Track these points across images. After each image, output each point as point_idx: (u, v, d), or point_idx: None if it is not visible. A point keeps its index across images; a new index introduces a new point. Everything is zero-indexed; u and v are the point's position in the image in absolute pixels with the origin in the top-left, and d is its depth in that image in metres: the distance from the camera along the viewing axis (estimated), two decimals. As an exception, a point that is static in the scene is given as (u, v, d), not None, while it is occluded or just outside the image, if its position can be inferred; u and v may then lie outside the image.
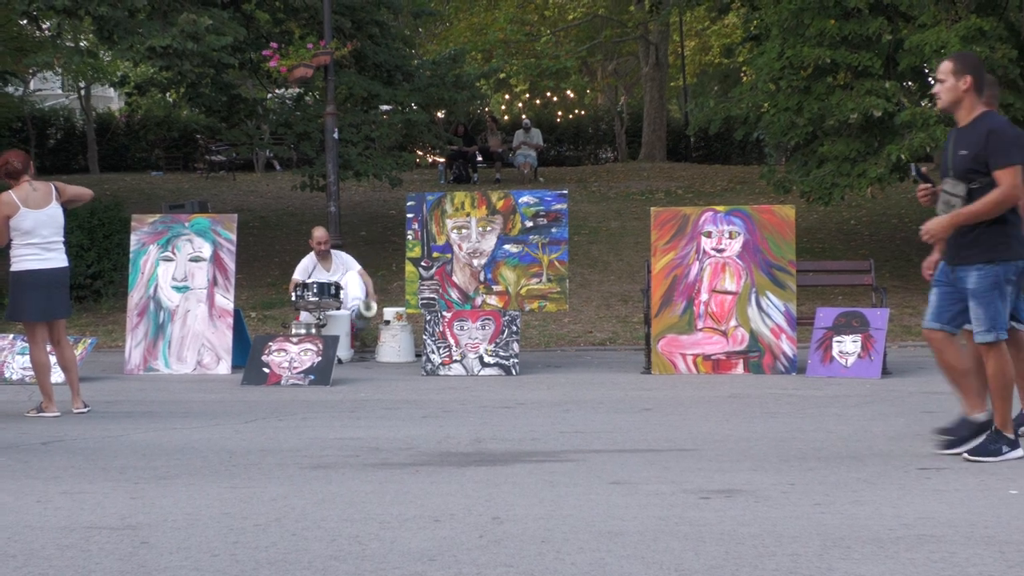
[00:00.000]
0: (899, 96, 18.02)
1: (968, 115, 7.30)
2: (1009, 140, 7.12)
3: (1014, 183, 7.02)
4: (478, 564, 4.62)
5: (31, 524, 5.46)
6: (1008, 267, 7.13)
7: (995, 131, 7.14)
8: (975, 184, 7.13)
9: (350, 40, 20.64)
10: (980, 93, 7.31)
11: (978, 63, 7.42)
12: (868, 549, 4.79)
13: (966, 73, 7.27)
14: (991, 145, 7.09)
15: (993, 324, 7.09)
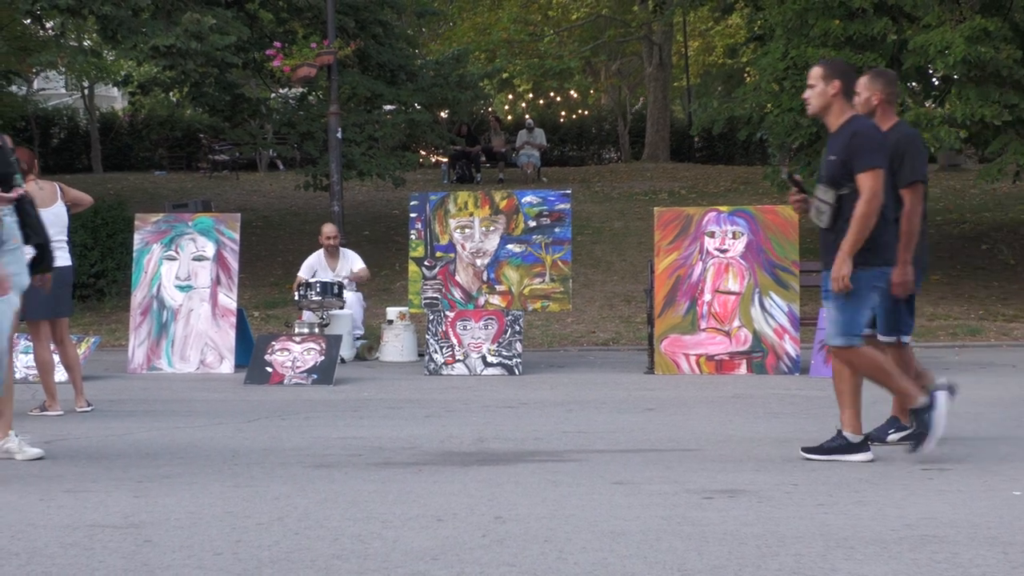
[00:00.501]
0: (903, 97, 18.00)
1: (837, 120, 7.30)
2: (870, 143, 7.09)
3: (874, 187, 7.00)
4: (481, 563, 4.62)
5: (34, 522, 5.46)
6: (874, 273, 7.11)
7: (857, 134, 7.13)
8: (844, 190, 7.13)
9: (353, 40, 20.66)
10: (849, 98, 7.32)
11: (847, 68, 7.43)
12: (871, 549, 4.79)
13: (834, 78, 7.27)
14: (853, 148, 7.09)
15: (846, 329, 7.09)
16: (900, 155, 7.54)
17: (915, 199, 7.53)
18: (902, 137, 7.65)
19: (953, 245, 21.94)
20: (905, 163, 7.54)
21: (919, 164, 7.59)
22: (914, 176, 7.53)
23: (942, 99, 19.88)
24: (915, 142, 7.71)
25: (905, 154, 7.56)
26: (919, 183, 7.55)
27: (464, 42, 32.12)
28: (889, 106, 7.81)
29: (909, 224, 7.50)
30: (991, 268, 20.35)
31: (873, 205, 6.96)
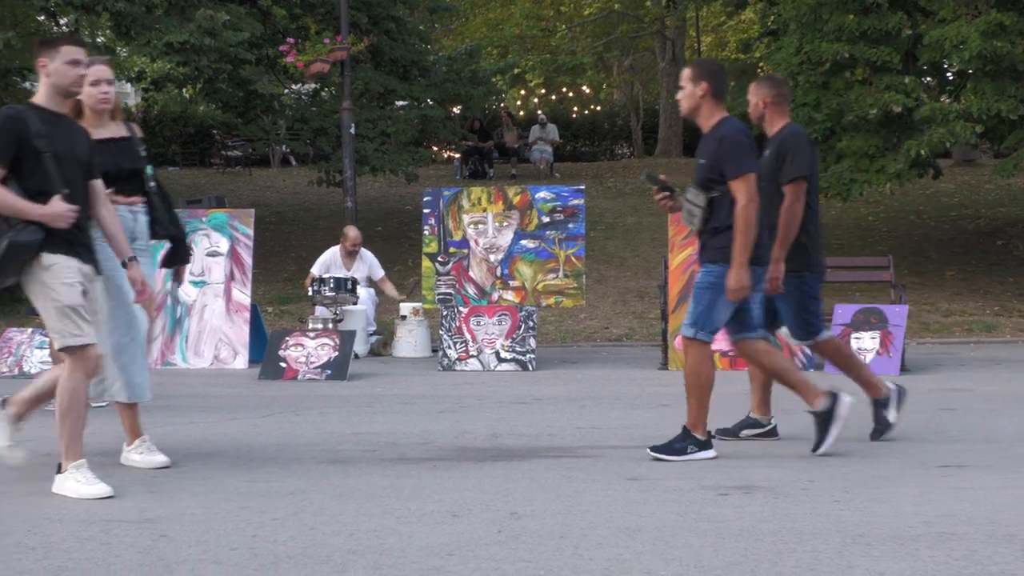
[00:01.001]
0: (918, 91, 17.94)
1: (707, 122, 7.32)
2: (738, 147, 7.09)
3: (749, 191, 7.02)
4: (496, 559, 4.61)
5: (50, 517, 5.46)
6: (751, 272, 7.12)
7: (726, 138, 7.14)
8: (715, 193, 7.16)
9: (366, 35, 20.68)
10: (719, 99, 7.32)
11: (717, 69, 7.43)
12: (888, 546, 4.77)
13: (702, 79, 7.29)
14: (722, 153, 7.10)
15: (701, 322, 7.11)
16: (783, 154, 7.63)
17: (796, 195, 7.56)
18: (786, 136, 7.72)
19: (968, 240, 21.89)
20: (787, 160, 7.59)
21: (801, 160, 7.60)
22: (795, 172, 7.57)
23: (957, 94, 19.83)
24: (799, 140, 7.74)
25: (788, 152, 7.61)
26: (800, 179, 7.57)
27: (476, 38, 32.12)
28: (778, 108, 7.85)
29: (786, 219, 7.54)
30: (1006, 264, 20.29)
31: (751, 210, 7.02)
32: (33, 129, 6.04)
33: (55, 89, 6.21)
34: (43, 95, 6.23)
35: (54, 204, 6.00)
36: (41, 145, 6.02)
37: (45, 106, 6.20)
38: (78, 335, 6.00)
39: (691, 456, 7.01)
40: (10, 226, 5.95)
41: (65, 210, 6.02)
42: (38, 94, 6.25)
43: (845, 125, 18.44)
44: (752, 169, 7.06)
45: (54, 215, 5.99)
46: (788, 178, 7.55)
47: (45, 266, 6.01)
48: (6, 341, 13.18)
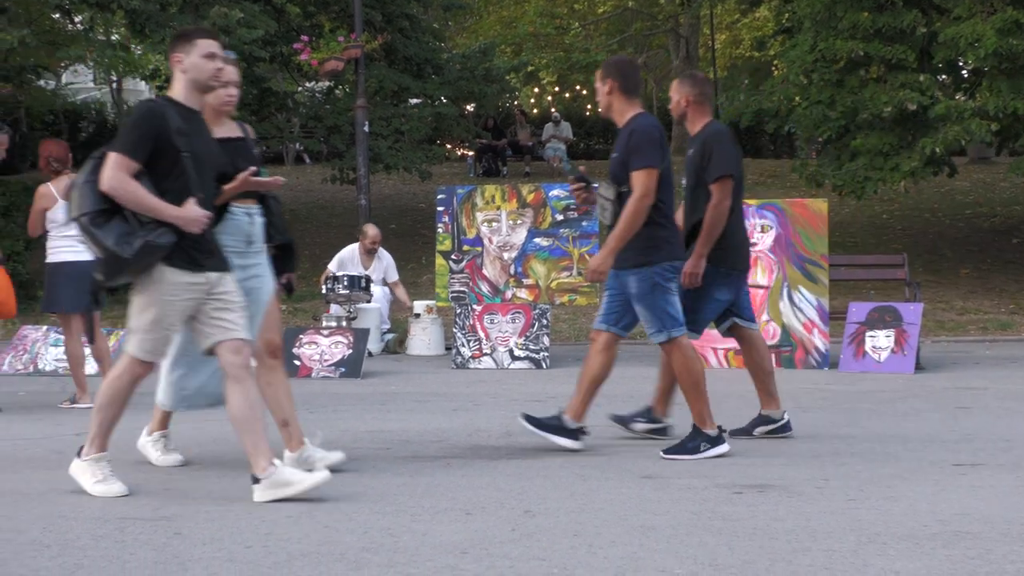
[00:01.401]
0: (933, 89, 17.91)
1: (620, 118, 7.39)
2: (646, 140, 7.15)
3: (647, 185, 7.09)
4: (510, 557, 4.61)
5: (65, 514, 5.47)
6: (664, 268, 7.19)
7: (635, 131, 7.22)
8: (624, 188, 7.22)
9: (380, 33, 20.69)
10: (630, 94, 7.38)
11: (624, 65, 7.53)
12: (903, 545, 4.76)
13: (608, 77, 7.36)
14: (630, 147, 7.17)
15: (662, 324, 7.20)
16: (708, 153, 7.66)
17: (722, 194, 7.58)
18: (710, 135, 7.75)
19: (983, 239, 21.84)
20: (712, 159, 7.61)
21: (726, 160, 7.62)
22: (720, 171, 7.59)
23: (973, 91, 19.79)
24: (723, 139, 7.76)
25: (712, 151, 7.64)
26: (726, 178, 7.59)
27: (490, 35, 32.11)
28: (700, 107, 7.87)
29: (711, 216, 7.57)
30: (1022, 262, 20.24)
31: (644, 203, 7.10)
32: (173, 126, 5.76)
33: (192, 84, 5.95)
34: (179, 90, 5.95)
35: (189, 207, 5.74)
36: (180, 143, 5.76)
37: (183, 102, 5.93)
38: (154, 354, 5.93)
39: (705, 454, 7.03)
40: (141, 224, 5.66)
41: (200, 215, 5.76)
42: (173, 89, 5.98)
43: (860, 123, 18.42)
44: (655, 164, 7.13)
45: (188, 219, 5.72)
46: (714, 176, 7.59)
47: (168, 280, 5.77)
48: (21, 339, 13.21)
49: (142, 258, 5.65)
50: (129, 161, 5.66)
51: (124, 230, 5.64)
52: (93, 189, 5.70)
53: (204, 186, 5.89)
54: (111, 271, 5.73)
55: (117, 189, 5.64)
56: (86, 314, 10.02)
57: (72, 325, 9.95)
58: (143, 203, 5.67)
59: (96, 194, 5.69)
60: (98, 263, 5.76)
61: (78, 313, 9.95)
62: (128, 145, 5.70)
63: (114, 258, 5.65)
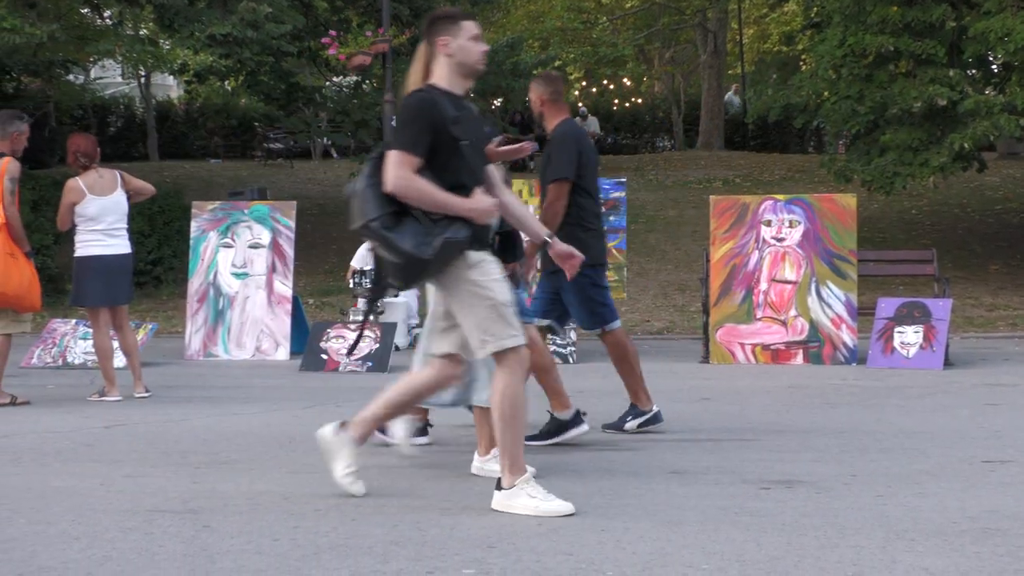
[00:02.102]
0: (963, 84, 17.81)
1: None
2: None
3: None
4: (537, 552, 4.61)
5: (94, 507, 5.49)
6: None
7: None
8: None
9: (408, 28, 20.68)
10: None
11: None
12: (932, 542, 4.74)
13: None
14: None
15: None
16: (550, 153, 7.90)
17: (556, 194, 7.77)
18: (555, 136, 7.95)
19: (1013, 234, 21.72)
20: (551, 161, 7.84)
21: (563, 163, 7.78)
22: (556, 174, 7.78)
23: (1002, 86, 19.68)
24: (565, 140, 7.90)
25: (553, 151, 7.85)
26: (562, 181, 7.77)
27: (517, 30, 32.12)
28: (554, 106, 8.03)
29: (545, 216, 7.75)
30: (1051, 258, 20.13)
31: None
32: (448, 115, 5.41)
33: (459, 69, 5.55)
34: (444, 76, 5.53)
35: (480, 198, 5.42)
36: (458, 132, 5.40)
37: (449, 89, 5.52)
38: (514, 335, 5.38)
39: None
40: (433, 222, 5.29)
41: (491, 204, 5.46)
42: (436, 75, 5.55)
43: (889, 118, 18.34)
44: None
45: (481, 210, 5.40)
46: (550, 178, 7.81)
47: (473, 264, 5.41)
48: (50, 332, 13.28)
49: (443, 257, 5.30)
50: (411, 157, 5.31)
51: (419, 230, 5.28)
52: (377, 192, 5.35)
53: (481, 174, 5.62)
54: (410, 274, 5.40)
55: (406, 188, 5.29)
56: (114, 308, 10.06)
57: (100, 319, 9.99)
58: (433, 199, 5.31)
59: (381, 197, 5.33)
60: (392, 268, 5.39)
61: (106, 307, 9.98)
62: (408, 141, 5.34)
63: (413, 261, 5.27)
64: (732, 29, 38.16)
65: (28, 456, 7.05)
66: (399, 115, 5.44)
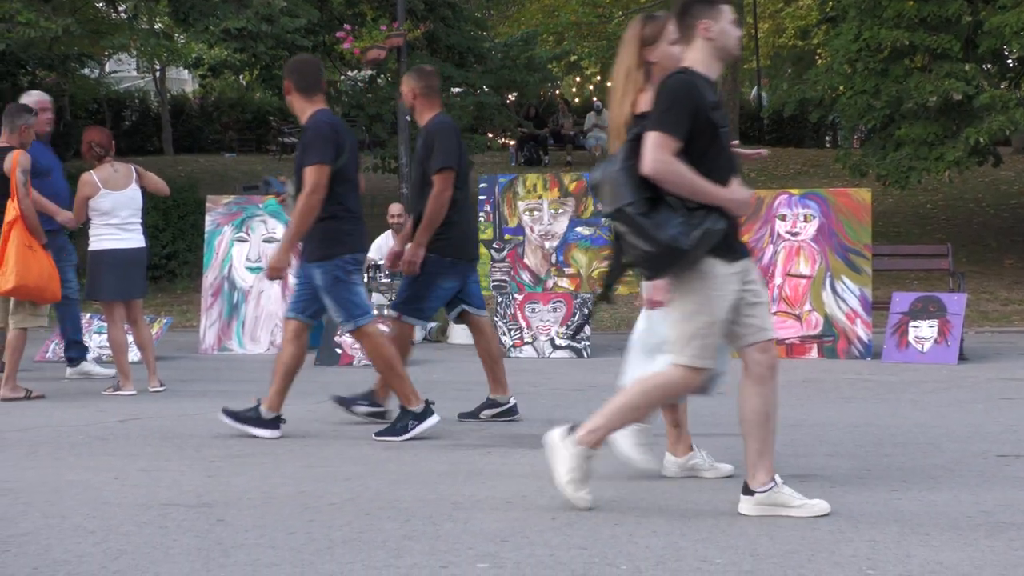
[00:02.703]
0: (978, 79, 17.75)
1: (302, 116, 7.68)
2: (315, 137, 7.42)
3: (316, 180, 7.32)
4: (551, 546, 4.61)
5: (109, 501, 5.51)
6: (345, 260, 7.47)
7: (308, 128, 7.50)
8: None
9: (423, 22, 20.68)
10: (306, 94, 7.62)
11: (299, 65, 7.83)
12: (946, 536, 4.73)
13: (285, 79, 7.71)
14: (303, 142, 7.49)
15: (349, 314, 7.47)
16: (431, 145, 7.93)
17: (443, 185, 7.84)
18: (432, 128, 8.02)
19: (1028, 229, 21.66)
20: (434, 152, 7.87)
21: (447, 153, 7.87)
22: (441, 163, 7.84)
23: (1018, 81, 19.61)
24: (444, 131, 7.99)
25: (434, 144, 7.90)
26: (447, 170, 7.84)
27: (532, 24, 32.05)
28: (427, 99, 8.14)
29: (431, 207, 7.84)
30: (1067, 252, 20.06)
31: (313, 199, 7.32)
32: (709, 101, 5.16)
33: (718, 53, 5.29)
34: (701, 60, 5.25)
35: (739, 189, 5.17)
36: (717, 119, 5.16)
37: (703, 73, 5.24)
38: (711, 359, 5.25)
39: (414, 431, 7.34)
40: (690, 211, 5.00)
41: (748, 196, 5.23)
42: (690, 59, 5.27)
43: (904, 112, 18.29)
44: (325, 160, 7.37)
45: (740, 201, 5.17)
46: (435, 168, 7.84)
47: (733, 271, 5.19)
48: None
49: (700, 248, 5.01)
50: (671, 140, 5.01)
51: (677, 219, 4.99)
52: (632, 175, 5.06)
53: (736, 164, 5.39)
54: (662, 265, 5.10)
55: (665, 172, 5.00)
56: (129, 302, 10.08)
57: (115, 313, 10.01)
58: (694, 186, 5.02)
59: (636, 181, 5.05)
60: (640, 256, 5.08)
61: (121, 301, 10.00)
62: (670, 123, 5.04)
63: (670, 250, 4.98)
64: (747, 24, 38.07)
65: (43, 450, 7.07)
66: (658, 97, 5.15)
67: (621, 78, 5.80)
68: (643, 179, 5.04)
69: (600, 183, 5.18)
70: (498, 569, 4.32)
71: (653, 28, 5.86)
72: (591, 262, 13.45)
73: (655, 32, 5.84)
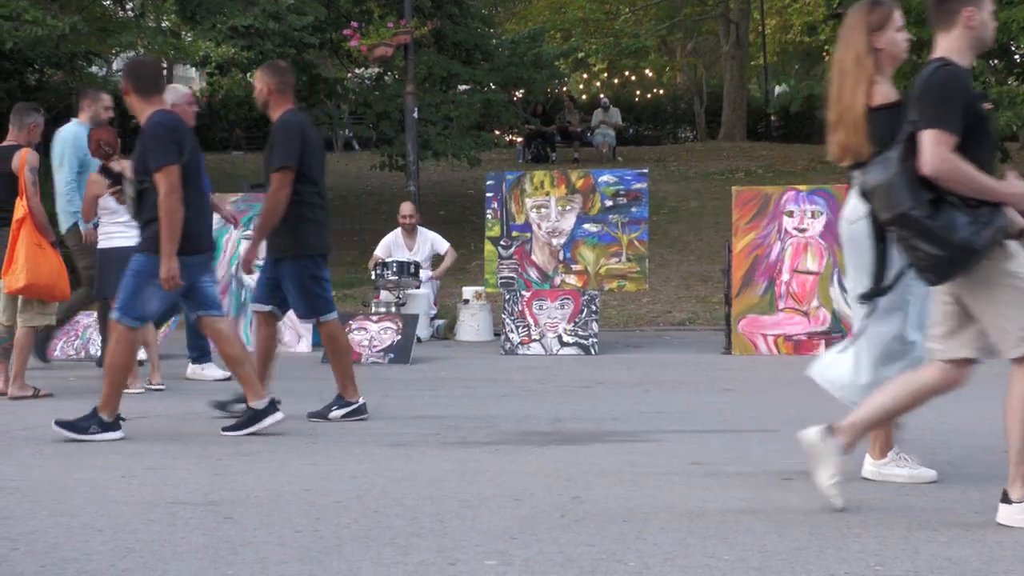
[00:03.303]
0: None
1: (140, 116, 7.75)
2: (158, 140, 7.47)
3: (168, 182, 7.38)
4: (560, 543, 4.61)
5: (116, 499, 5.52)
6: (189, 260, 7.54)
7: (144, 134, 7.56)
8: (145, 184, 7.52)
9: (430, 19, 20.67)
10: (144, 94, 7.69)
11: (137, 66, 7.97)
12: (954, 532, 4.73)
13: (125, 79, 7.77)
14: (145, 147, 7.51)
15: (127, 308, 7.47)
16: (271, 144, 8.00)
17: (279, 184, 7.89)
18: (276, 126, 8.07)
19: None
20: (273, 151, 7.95)
21: (286, 152, 7.91)
22: (278, 162, 7.90)
23: (1025, 76, 19.59)
24: (287, 129, 8.02)
25: (275, 141, 7.97)
26: (285, 169, 7.87)
27: (539, 21, 32.06)
28: (280, 96, 8.18)
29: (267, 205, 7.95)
30: (1075, 248, 20.02)
31: (171, 199, 7.36)
32: (975, 92, 5.00)
33: (977, 44, 5.11)
34: (958, 50, 5.05)
35: (1016, 183, 4.89)
36: (983, 111, 4.96)
37: (959, 63, 5.01)
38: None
39: (93, 436, 7.29)
40: (972, 208, 4.79)
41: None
42: (946, 47, 5.08)
43: (911, 108, 18.24)
44: (173, 160, 7.42)
45: (1021, 195, 4.87)
46: (272, 167, 7.91)
47: (1012, 254, 4.90)
48: (73, 324, 13.30)
49: (991, 246, 4.80)
50: (949, 136, 4.81)
51: (964, 218, 4.78)
52: (910, 177, 4.84)
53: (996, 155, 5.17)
54: (952, 267, 4.87)
55: (948, 171, 4.78)
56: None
57: (118, 310, 9.99)
58: (975, 183, 4.81)
59: (915, 183, 4.84)
60: (929, 261, 4.87)
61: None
62: (945, 118, 4.84)
63: (963, 252, 4.78)
64: (754, 20, 38.04)
65: (51, 448, 7.08)
66: (923, 92, 4.94)
67: (849, 65, 5.62)
68: (922, 180, 4.84)
69: (873, 188, 4.97)
70: (506, 566, 4.31)
71: (880, 14, 5.72)
72: (598, 259, 13.44)
73: (882, 18, 5.72)
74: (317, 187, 8.10)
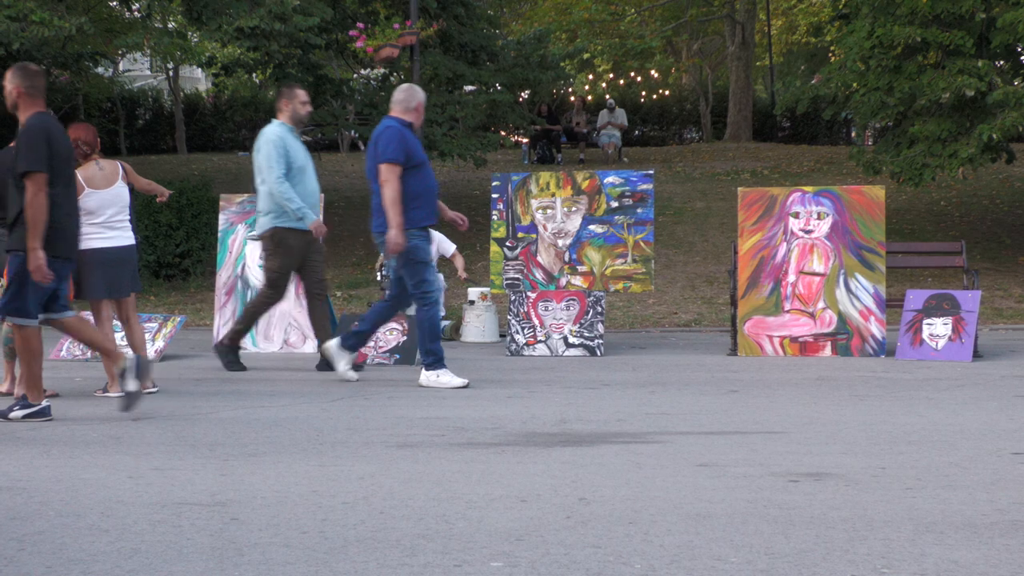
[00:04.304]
0: (992, 75, 17.71)
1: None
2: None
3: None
4: (565, 545, 4.61)
5: (123, 499, 5.52)
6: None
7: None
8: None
9: (436, 20, 20.68)
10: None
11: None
12: (961, 534, 4.72)
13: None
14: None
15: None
16: (19, 147, 8.03)
17: (34, 188, 7.89)
18: (23, 129, 8.07)
19: (1042, 226, 21.60)
20: (21, 154, 7.97)
21: (32, 156, 7.92)
22: (25, 167, 7.92)
23: (1031, 77, 19.55)
24: (32, 133, 8.02)
25: (22, 145, 7.99)
26: (33, 173, 7.89)
27: (545, 22, 32.07)
28: (29, 98, 8.17)
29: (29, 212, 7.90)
30: (1081, 249, 20.00)
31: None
32: None
33: None
34: None
35: None
36: None
37: None
38: None
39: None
40: None
41: None
42: None
43: (917, 109, 18.25)
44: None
45: None
46: (20, 171, 7.93)
47: None
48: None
49: None
50: None
51: None
52: None
53: None
54: None
55: None
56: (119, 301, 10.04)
57: (102, 312, 9.94)
58: None
59: None
60: None
61: (108, 300, 9.95)
62: None
63: None
64: (760, 20, 38.03)
65: (57, 449, 7.08)
66: None
67: None
68: None
69: None
70: (512, 568, 4.31)
71: None
72: (604, 260, 13.43)
73: None
74: (64, 189, 8.16)
